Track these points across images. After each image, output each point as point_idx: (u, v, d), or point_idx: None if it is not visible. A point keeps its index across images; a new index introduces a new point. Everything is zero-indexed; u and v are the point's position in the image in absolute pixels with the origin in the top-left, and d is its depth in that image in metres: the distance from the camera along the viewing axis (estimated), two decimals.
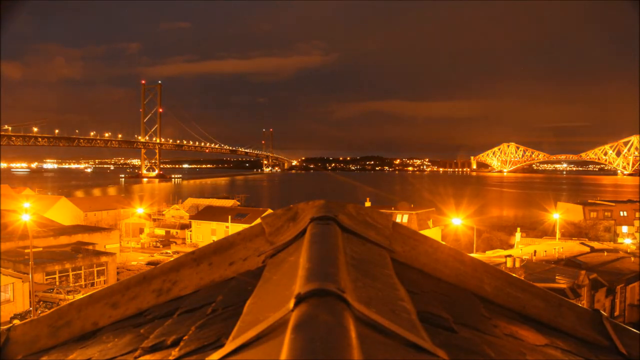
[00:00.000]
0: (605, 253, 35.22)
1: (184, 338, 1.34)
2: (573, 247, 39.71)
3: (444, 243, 1.97)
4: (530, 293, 1.88)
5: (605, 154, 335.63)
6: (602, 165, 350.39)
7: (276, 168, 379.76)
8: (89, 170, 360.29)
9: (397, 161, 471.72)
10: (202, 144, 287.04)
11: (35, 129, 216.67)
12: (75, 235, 47.62)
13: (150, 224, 69.87)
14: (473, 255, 3.30)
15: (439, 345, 0.98)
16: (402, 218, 53.70)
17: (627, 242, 53.40)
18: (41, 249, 38.48)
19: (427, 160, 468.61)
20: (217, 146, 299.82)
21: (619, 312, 27.85)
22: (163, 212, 77.22)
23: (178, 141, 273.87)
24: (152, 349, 1.40)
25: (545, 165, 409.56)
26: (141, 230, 68.55)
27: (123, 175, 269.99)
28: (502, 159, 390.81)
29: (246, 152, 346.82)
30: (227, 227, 58.57)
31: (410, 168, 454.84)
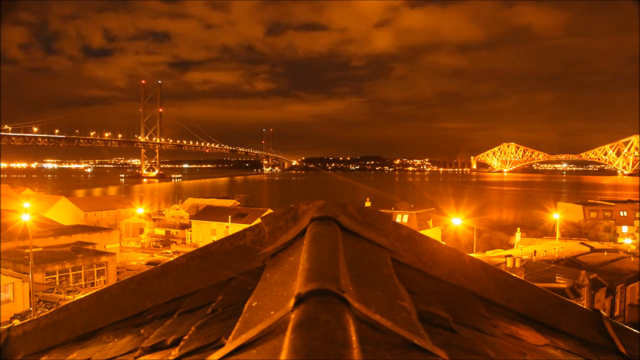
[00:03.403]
0: (605, 253, 35.21)
1: (184, 338, 1.34)
2: (573, 247, 39.70)
3: (444, 243, 1.97)
4: (530, 293, 1.88)
5: (605, 154, 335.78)
6: (602, 165, 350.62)
7: (276, 168, 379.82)
8: (89, 170, 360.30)
9: (397, 161, 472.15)
10: (202, 144, 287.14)
11: (35, 129, 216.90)
12: (75, 235, 47.62)
13: (150, 224, 69.85)
14: (473, 255, 3.30)
15: (439, 345, 0.98)
16: (402, 218, 53.70)
17: (627, 242, 53.41)
18: (41, 249, 38.46)
19: (427, 160, 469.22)
20: (217, 146, 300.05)
21: (619, 312, 27.85)
22: (163, 212, 77.24)
23: (178, 141, 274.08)
24: (152, 349, 1.40)
25: (545, 165, 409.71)
26: (141, 230, 68.53)
27: (123, 175, 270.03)
28: (502, 159, 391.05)
29: (246, 152, 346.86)
30: (227, 227, 58.57)
31: (410, 168, 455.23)
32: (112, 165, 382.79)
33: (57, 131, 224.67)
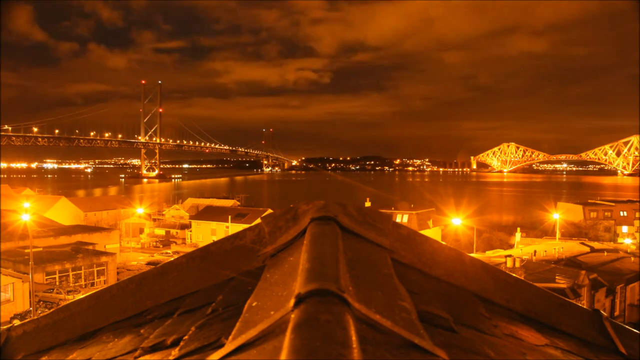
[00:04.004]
0: (605, 253, 35.21)
1: (184, 338, 1.34)
2: (573, 247, 39.70)
3: (444, 243, 1.97)
4: (530, 293, 1.88)
5: (605, 154, 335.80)
6: (602, 165, 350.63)
7: (276, 168, 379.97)
8: (89, 170, 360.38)
9: (397, 161, 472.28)
10: (202, 144, 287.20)
11: (35, 129, 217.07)
12: (75, 235, 47.62)
13: (150, 224, 69.84)
14: (473, 255, 3.30)
15: (439, 345, 0.98)
16: (402, 218, 53.70)
17: (627, 242, 53.41)
18: (41, 249, 38.46)
19: (427, 160, 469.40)
20: (217, 146, 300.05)
21: (619, 312, 27.85)
22: (163, 212, 77.21)
23: (178, 141, 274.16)
24: (152, 349, 1.40)
25: (546, 165, 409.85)
26: (141, 230, 68.53)
27: (123, 175, 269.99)
28: (502, 159, 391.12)
29: (246, 152, 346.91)
30: (227, 227, 58.57)
31: (410, 168, 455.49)
32: (112, 166, 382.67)
33: (57, 131, 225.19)
